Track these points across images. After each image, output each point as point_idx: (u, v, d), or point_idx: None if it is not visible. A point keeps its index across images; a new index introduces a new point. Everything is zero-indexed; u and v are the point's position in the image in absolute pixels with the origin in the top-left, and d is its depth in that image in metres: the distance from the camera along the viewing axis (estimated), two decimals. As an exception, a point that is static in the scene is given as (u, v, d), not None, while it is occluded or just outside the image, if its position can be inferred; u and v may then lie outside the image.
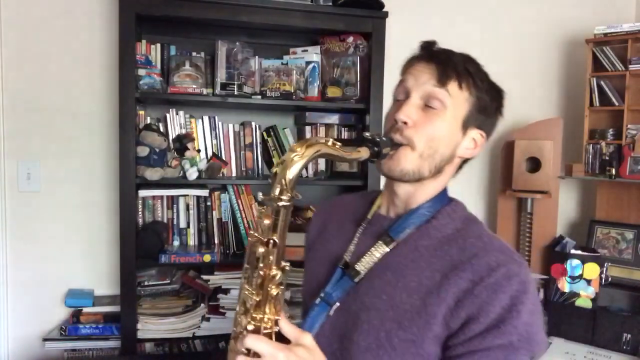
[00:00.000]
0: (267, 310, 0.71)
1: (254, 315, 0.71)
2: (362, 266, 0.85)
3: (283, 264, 0.72)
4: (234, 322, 0.77)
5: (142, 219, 1.86)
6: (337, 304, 0.86)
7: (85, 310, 1.85)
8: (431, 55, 0.86)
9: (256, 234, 0.73)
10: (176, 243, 1.89)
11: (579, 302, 1.80)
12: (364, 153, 0.77)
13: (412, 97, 0.83)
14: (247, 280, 0.74)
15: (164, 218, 1.89)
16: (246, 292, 0.73)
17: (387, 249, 0.85)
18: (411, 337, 0.77)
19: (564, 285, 1.84)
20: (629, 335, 1.63)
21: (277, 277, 0.71)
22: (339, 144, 0.73)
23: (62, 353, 1.80)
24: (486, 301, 0.74)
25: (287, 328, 0.71)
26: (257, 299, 0.71)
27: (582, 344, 1.68)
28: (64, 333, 1.79)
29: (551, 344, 1.68)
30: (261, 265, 0.71)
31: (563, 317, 1.75)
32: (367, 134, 0.80)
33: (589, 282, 1.82)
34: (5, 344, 1.91)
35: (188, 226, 1.91)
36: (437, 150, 0.82)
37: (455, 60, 0.84)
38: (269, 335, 0.70)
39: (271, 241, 0.71)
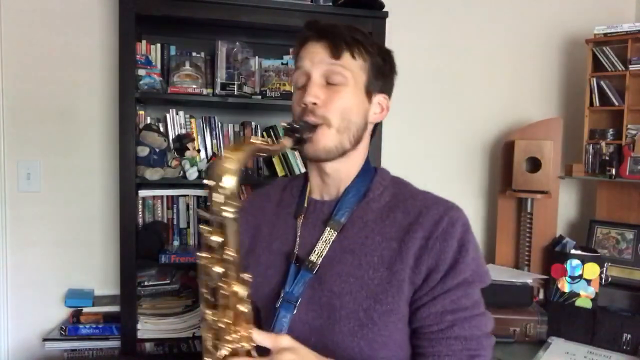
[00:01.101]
0: (239, 328, 0.70)
1: (228, 338, 0.69)
2: (316, 256, 0.86)
3: (244, 276, 0.71)
4: (204, 350, 0.74)
5: (142, 219, 1.86)
6: (300, 299, 0.86)
7: (85, 310, 1.85)
8: (319, 32, 0.86)
9: (206, 255, 0.71)
10: (176, 243, 1.89)
11: (579, 302, 1.80)
12: (286, 142, 0.80)
13: (314, 78, 0.85)
14: (208, 305, 0.73)
15: (164, 218, 1.89)
16: (214, 318, 0.71)
17: (335, 234, 0.86)
18: (389, 307, 0.81)
19: (564, 285, 1.84)
20: (629, 335, 1.63)
21: (241, 292, 0.70)
22: (260, 139, 0.76)
23: (62, 353, 1.80)
24: (440, 250, 0.80)
25: (261, 338, 0.71)
26: (227, 321, 0.70)
27: (582, 344, 1.68)
28: (64, 333, 1.79)
29: (551, 344, 1.68)
30: (221, 285, 0.70)
31: (563, 317, 1.75)
32: (284, 123, 0.81)
33: (588, 282, 1.82)
34: (5, 344, 1.91)
35: (188, 226, 1.91)
36: (350, 121, 0.85)
37: (342, 32, 0.86)
38: (247, 354, 0.70)
39: (226, 257, 0.68)
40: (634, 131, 2.01)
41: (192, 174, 1.77)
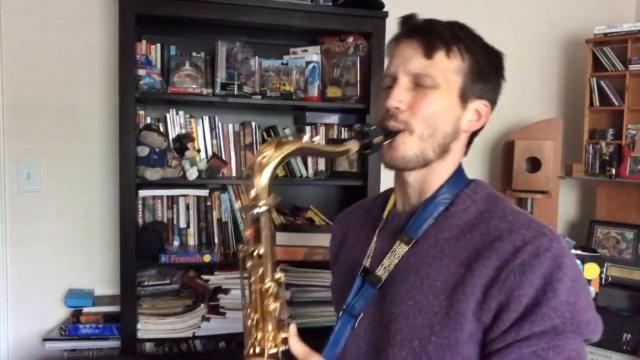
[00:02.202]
0: (268, 328, 0.68)
1: (256, 335, 0.68)
2: (383, 270, 0.79)
3: (277, 275, 0.69)
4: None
5: (142, 219, 1.86)
6: (362, 314, 0.80)
7: (85, 310, 1.84)
8: (412, 28, 0.79)
9: (244, 248, 0.69)
10: (176, 243, 1.89)
11: (579, 302, 1.80)
12: (352, 146, 0.73)
13: (400, 80, 0.77)
14: (245, 298, 0.71)
15: (164, 218, 1.89)
16: (247, 312, 0.69)
17: (406, 249, 0.78)
18: (445, 342, 0.70)
19: (564, 285, 1.84)
20: (629, 335, 1.63)
21: (271, 290, 0.67)
22: (317, 139, 0.71)
23: (62, 353, 1.80)
24: (515, 285, 0.66)
25: (296, 347, 0.68)
26: (256, 317, 0.68)
27: (582, 344, 1.68)
28: (64, 333, 1.79)
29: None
30: (253, 279, 0.68)
31: (563, 317, 1.75)
32: (357, 126, 0.77)
33: (589, 282, 1.81)
34: (5, 344, 1.91)
35: (188, 226, 1.91)
36: (437, 128, 0.76)
37: (439, 28, 0.79)
38: (274, 356, 0.67)
39: (257, 253, 0.67)
40: (634, 131, 2.01)
41: (192, 174, 1.77)
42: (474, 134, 0.85)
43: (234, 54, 1.81)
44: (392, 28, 1.95)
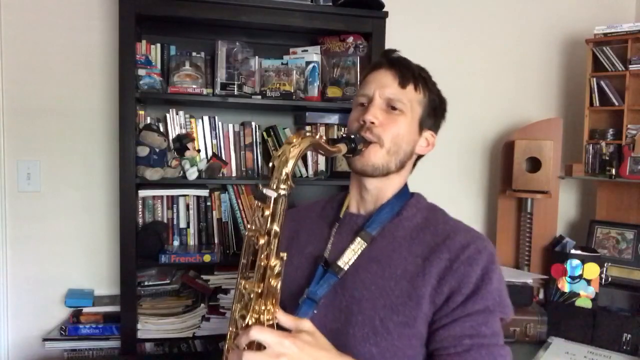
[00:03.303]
0: (267, 302, 0.74)
1: (256, 307, 0.73)
2: (344, 262, 0.91)
3: (281, 253, 0.75)
4: (231, 322, 0.80)
5: (142, 219, 1.86)
6: (322, 300, 0.90)
7: (85, 310, 1.84)
8: (391, 62, 0.95)
9: (254, 228, 0.76)
10: (176, 243, 1.89)
11: (579, 302, 1.80)
12: (342, 148, 0.86)
13: (376, 101, 0.92)
14: (244, 276, 0.78)
15: (164, 218, 1.89)
16: (246, 287, 0.75)
17: (366, 244, 0.92)
18: (405, 320, 0.84)
19: (564, 285, 1.84)
20: (629, 335, 1.63)
21: (277, 267, 0.74)
22: (324, 138, 0.82)
23: (62, 353, 1.80)
24: (464, 274, 0.83)
25: (284, 318, 0.74)
26: (259, 291, 0.74)
27: (582, 344, 1.68)
28: (64, 333, 1.79)
29: (551, 344, 1.68)
30: (261, 256, 0.74)
31: (563, 317, 1.75)
32: (342, 133, 0.86)
33: (589, 282, 1.82)
34: (5, 344, 1.91)
35: (188, 226, 1.91)
36: (400, 146, 0.93)
37: (412, 66, 0.96)
38: (271, 327, 0.73)
39: (272, 231, 0.74)
40: (634, 131, 2.01)
41: (192, 174, 1.77)
42: (419, 157, 1.02)
43: (234, 54, 1.81)
44: (392, 28, 1.97)
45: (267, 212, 0.74)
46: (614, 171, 2.01)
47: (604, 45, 2.04)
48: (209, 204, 1.91)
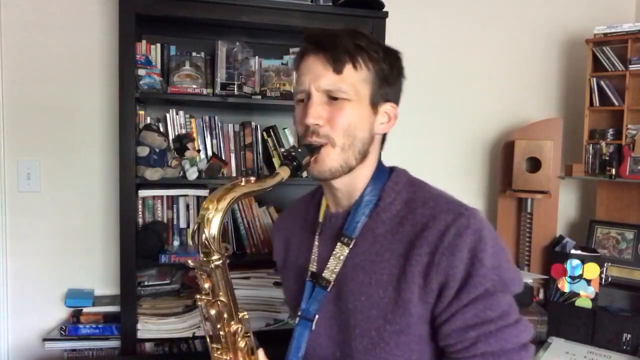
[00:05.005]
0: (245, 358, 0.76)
1: None
2: (329, 272, 0.86)
3: (240, 314, 0.75)
4: None
5: (142, 219, 1.86)
6: (317, 317, 0.86)
7: (85, 310, 1.84)
8: (317, 44, 0.82)
9: (203, 297, 0.76)
10: (176, 243, 1.89)
11: (579, 302, 1.80)
12: (283, 173, 0.78)
13: (314, 97, 0.82)
14: (213, 340, 0.79)
15: (164, 218, 1.89)
16: (222, 356, 0.77)
17: (347, 250, 0.85)
18: (398, 328, 0.79)
19: (564, 285, 1.84)
20: (629, 335, 1.63)
21: (240, 331, 0.74)
22: (253, 179, 0.74)
23: (62, 353, 1.80)
24: (449, 265, 0.75)
25: None
26: (228, 358, 0.75)
27: (582, 344, 1.68)
28: (64, 333, 1.79)
29: (551, 344, 1.68)
30: (219, 326, 0.75)
31: (563, 317, 1.75)
32: (283, 150, 0.83)
33: (589, 282, 1.81)
34: (5, 344, 1.91)
35: (188, 226, 1.91)
36: (355, 137, 0.83)
37: (343, 42, 0.81)
38: None
39: (219, 302, 0.73)
40: (634, 131, 2.01)
41: (192, 174, 1.77)
42: (385, 134, 0.91)
43: (234, 54, 1.81)
44: (392, 28, 1.97)
45: (207, 285, 0.73)
46: (614, 171, 2.01)
47: (604, 45, 2.04)
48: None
